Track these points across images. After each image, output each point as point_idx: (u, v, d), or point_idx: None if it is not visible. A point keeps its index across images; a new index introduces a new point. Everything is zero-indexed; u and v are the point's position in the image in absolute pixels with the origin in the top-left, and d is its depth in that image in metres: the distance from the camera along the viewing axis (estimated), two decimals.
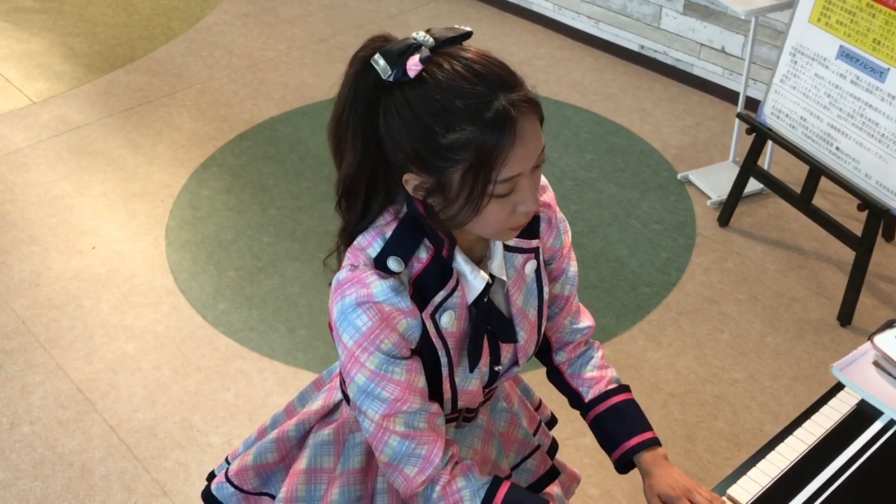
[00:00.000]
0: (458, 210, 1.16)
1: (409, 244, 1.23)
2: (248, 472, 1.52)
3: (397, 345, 1.22)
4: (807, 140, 2.93)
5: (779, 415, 2.59)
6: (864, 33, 2.66)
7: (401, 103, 1.13)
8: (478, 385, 1.34)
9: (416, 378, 1.25)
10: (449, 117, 1.11)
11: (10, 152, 3.73)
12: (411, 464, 1.26)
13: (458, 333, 1.29)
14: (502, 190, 1.14)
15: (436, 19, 4.77)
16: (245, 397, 2.66)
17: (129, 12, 4.87)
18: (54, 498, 2.38)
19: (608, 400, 1.45)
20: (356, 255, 1.23)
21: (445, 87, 1.11)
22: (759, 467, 1.39)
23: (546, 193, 1.38)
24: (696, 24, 4.03)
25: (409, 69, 1.11)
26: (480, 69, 1.12)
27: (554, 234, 1.40)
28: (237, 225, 3.34)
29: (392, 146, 1.16)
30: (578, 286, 1.48)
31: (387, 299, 1.19)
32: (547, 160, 3.64)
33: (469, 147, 1.11)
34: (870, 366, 1.55)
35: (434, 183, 1.15)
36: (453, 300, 1.26)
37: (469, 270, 1.26)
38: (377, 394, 1.23)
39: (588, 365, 1.49)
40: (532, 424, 1.63)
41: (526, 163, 1.14)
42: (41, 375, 2.72)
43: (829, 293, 3.03)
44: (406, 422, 1.25)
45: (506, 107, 1.10)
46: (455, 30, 1.16)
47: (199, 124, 3.92)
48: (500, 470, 1.52)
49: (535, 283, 1.37)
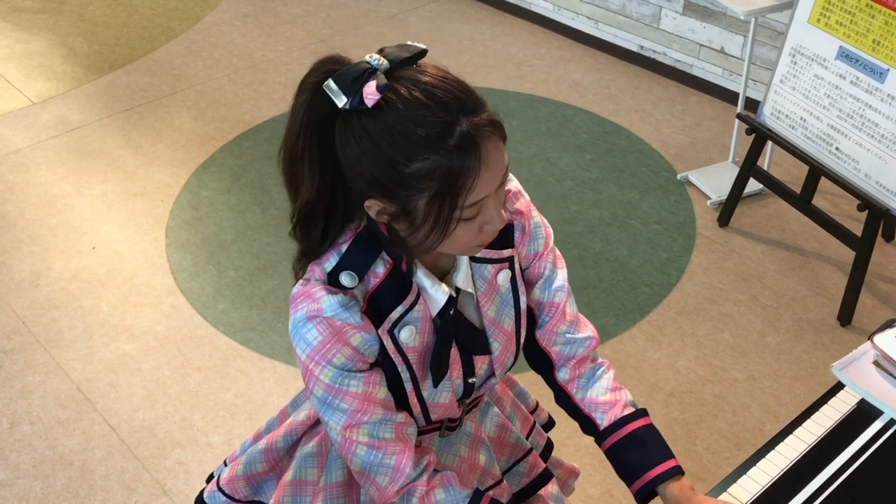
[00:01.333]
0: (425, 236, 1.13)
1: (364, 259, 1.20)
2: (239, 482, 1.51)
3: (351, 358, 1.19)
4: (806, 140, 2.93)
5: (779, 414, 2.59)
6: (863, 34, 2.67)
7: (358, 131, 1.09)
8: (450, 398, 1.31)
9: (375, 390, 1.22)
10: (411, 147, 1.07)
11: (10, 152, 3.73)
12: (381, 473, 1.25)
13: (422, 348, 1.26)
14: (469, 214, 1.12)
15: (436, 19, 4.77)
16: (245, 397, 2.66)
17: (129, 12, 4.87)
18: (54, 497, 2.38)
19: (625, 427, 1.36)
20: (313, 270, 1.21)
21: (405, 115, 1.07)
22: (759, 467, 1.39)
23: (519, 201, 1.34)
24: (696, 24, 4.03)
25: (366, 98, 1.07)
26: (440, 94, 1.08)
27: (527, 241, 1.35)
28: (237, 225, 3.34)
29: (351, 173, 1.13)
30: (571, 293, 1.41)
31: (336, 315, 1.17)
32: (547, 160, 3.66)
33: (434, 175, 1.07)
34: (870, 365, 1.55)
35: (398, 209, 1.12)
36: (414, 315, 1.23)
37: (430, 284, 1.24)
38: (336, 405, 1.21)
39: (599, 387, 1.40)
40: (525, 428, 1.61)
41: (491, 185, 1.12)
42: (41, 375, 2.72)
43: (829, 293, 3.03)
44: (370, 432, 1.23)
45: (469, 132, 1.07)
46: (409, 48, 1.12)
47: (199, 124, 3.92)
48: (492, 476, 1.49)
49: (511, 294, 1.34)
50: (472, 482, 1.48)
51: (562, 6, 4.56)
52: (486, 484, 1.49)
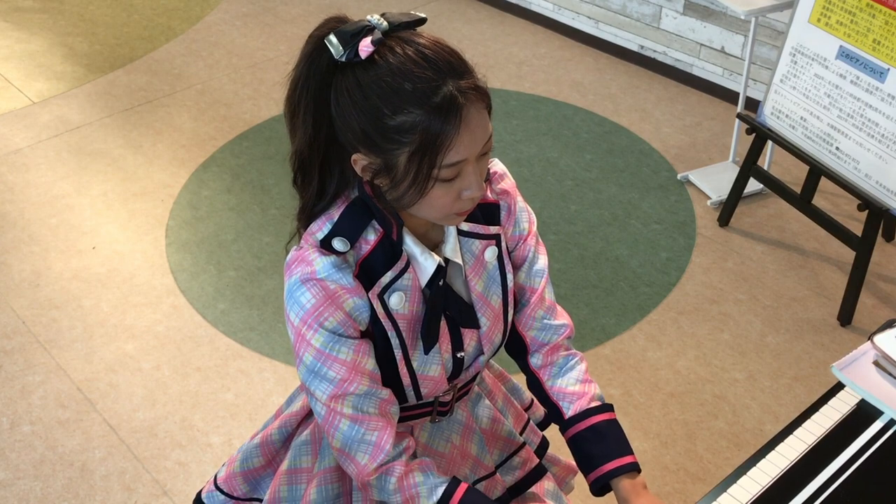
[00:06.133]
0: (403, 192, 1.17)
1: (355, 225, 1.24)
2: (237, 478, 1.52)
3: (343, 323, 1.23)
4: (807, 140, 2.93)
5: (779, 415, 2.59)
6: (864, 33, 2.66)
7: (352, 84, 1.14)
8: (439, 372, 1.34)
9: (364, 359, 1.25)
10: (397, 100, 1.12)
11: (10, 152, 3.73)
12: (362, 451, 1.26)
13: (411, 315, 1.29)
14: (447, 174, 1.16)
15: (436, 19, 4.77)
16: (245, 397, 2.66)
17: (129, 12, 4.87)
18: (54, 498, 2.38)
19: (589, 419, 1.39)
20: (306, 239, 1.26)
21: (395, 70, 1.12)
22: (759, 467, 1.39)
23: (504, 181, 1.38)
24: (696, 24, 4.03)
25: (360, 50, 1.13)
26: (431, 55, 1.13)
27: (513, 222, 1.39)
28: (237, 225, 3.34)
29: (342, 126, 1.18)
30: (549, 280, 1.44)
31: (329, 276, 1.21)
32: (547, 160, 3.66)
33: (415, 130, 1.12)
34: (870, 365, 1.55)
35: (381, 164, 1.17)
36: (403, 282, 1.26)
37: (419, 252, 1.27)
38: (324, 374, 1.24)
39: (569, 377, 1.43)
40: (519, 423, 1.62)
41: (471, 149, 1.16)
42: (41, 375, 2.72)
43: (829, 293, 3.03)
44: (354, 404, 1.25)
45: (453, 93, 1.12)
46: (410, 15, 1.18)
47: (199, 124, 3.92)
48: (484, 467, 1.51)
49: (498, 271, 1.37)
50: (464, 470, 1.49)
51: (562, 6, 4.56)
52: (478, 474, 1.50)
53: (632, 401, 2.64)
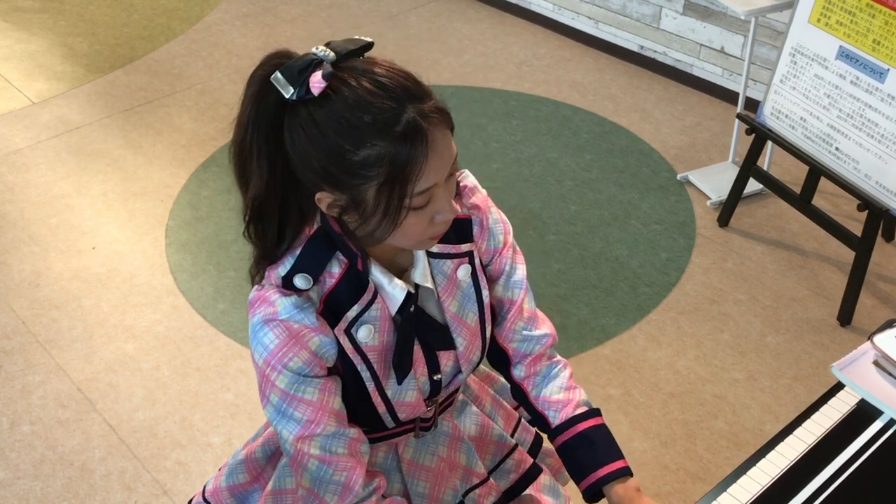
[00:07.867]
0: (375, 225, 1.14)
1: (318, 260, 1.21)
2: (223, 493, 1.51)
3: (308, 362, 1.19)
4: (806, 140, 2.93)
5: (779, 415, 2.59)
6: (863, 34, 2.67)
7: (307, 122, 1.10)
8: (416, 397, 1.31)
9: (330, 399, 1.22)
10: (358, 134, 1.08)
11: (10, 152, 3.73)
12: (331, 491, 1.24)
13: (381, 346, 1.26)
14: (419, 202, 1.12)
15: (436, 19, 4.77)
16: (245, 397, 2.66)
17: (129, 12, 4.87)
18: (54, 497, 2.38)
19: (576, 426, 1.37)
20: (269, 275, 1.22)
21: (352, 103, 1.08)
22: (759, 467, 1.39)
23: (475, 195, 1.34)
24: (696, 24, 4.03)
25: (312, 87, 1.08)
26: (387, 82, 1.09)
27: (486, 237, 1.36)
28: (237, 225, 3.34)
29: (300, 165, 1.13)
30: (529, 290, 1.41)
31: (291, 317, 1.17)
32: (547, 160, 3.66)
33: (382, 162, 1.08)
34: (870, 365, 1.55)
35: (348, 200, 1.13)
36: (371, 314, 1.23)
37: (387, 282, 1.24)
38: (290, 414, 1.21)
39: (553, 385, 1.41)
40: (510, 424, 1.59)
41: (440, 173, 1.12)
42: (41, 375, 2.72)
43: (829, 293, 3.03)
44: (322, 445, 1.22)
45: (416, 118, 1.08)
46: (356, 41, 1.13)
47: (199, 124, 3.92)
48: (476, 475, 1.48)
49: (473, 288, 1.34)
50: (454, 482, 1.47)
51: (562, 6, 4.56)
52: (470, 483, 1.48)
53: (632, 401, 2.64)
